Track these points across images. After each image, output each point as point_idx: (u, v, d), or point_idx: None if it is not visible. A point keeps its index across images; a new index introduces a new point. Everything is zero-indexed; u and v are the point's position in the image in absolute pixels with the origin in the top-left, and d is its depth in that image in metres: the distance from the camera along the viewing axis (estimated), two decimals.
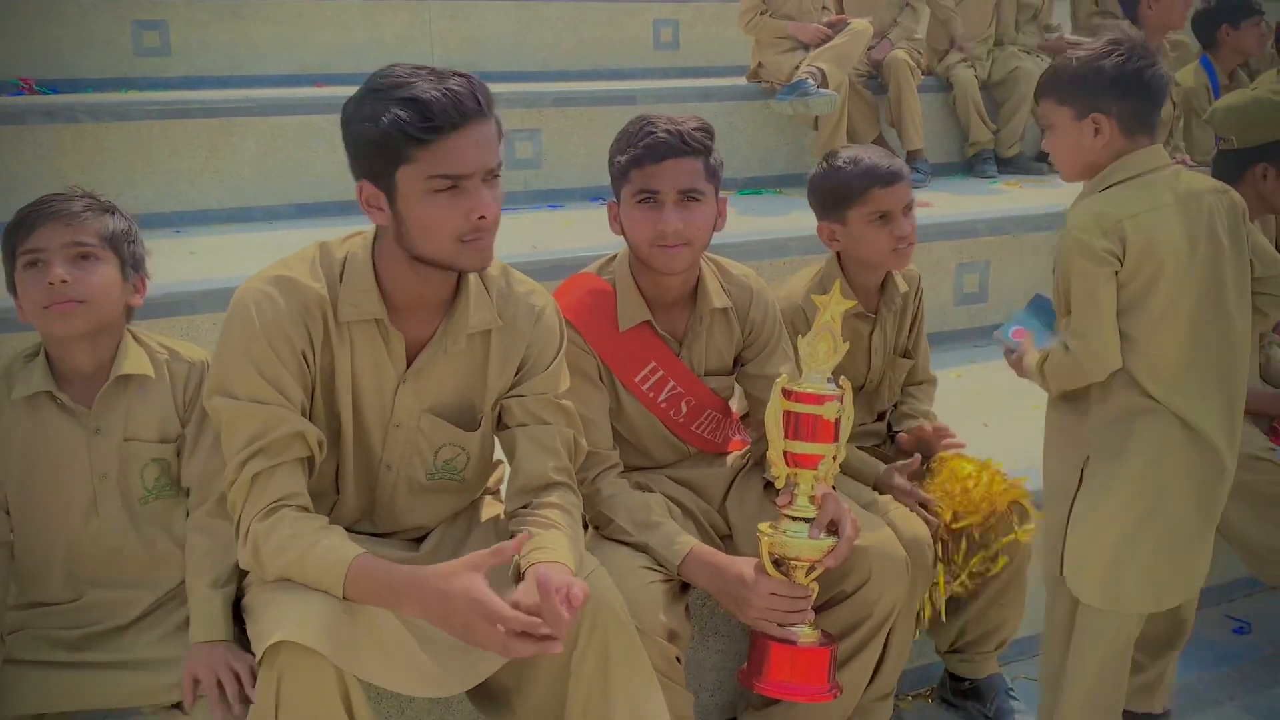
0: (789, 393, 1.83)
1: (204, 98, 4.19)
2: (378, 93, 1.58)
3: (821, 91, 4.43)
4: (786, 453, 1.84)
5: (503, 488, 1.89)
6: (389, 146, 1.56)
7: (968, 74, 5.17)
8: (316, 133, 4.09)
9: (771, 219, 4.08)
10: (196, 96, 4.22)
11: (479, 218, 1.61)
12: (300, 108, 4.14)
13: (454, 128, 1.56)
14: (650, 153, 1.93)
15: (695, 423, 2.14)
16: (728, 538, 2.15)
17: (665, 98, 4.63)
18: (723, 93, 4.92)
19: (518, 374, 1.82)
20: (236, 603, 1.73)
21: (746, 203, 4.42)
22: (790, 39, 4.77)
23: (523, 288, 1.83)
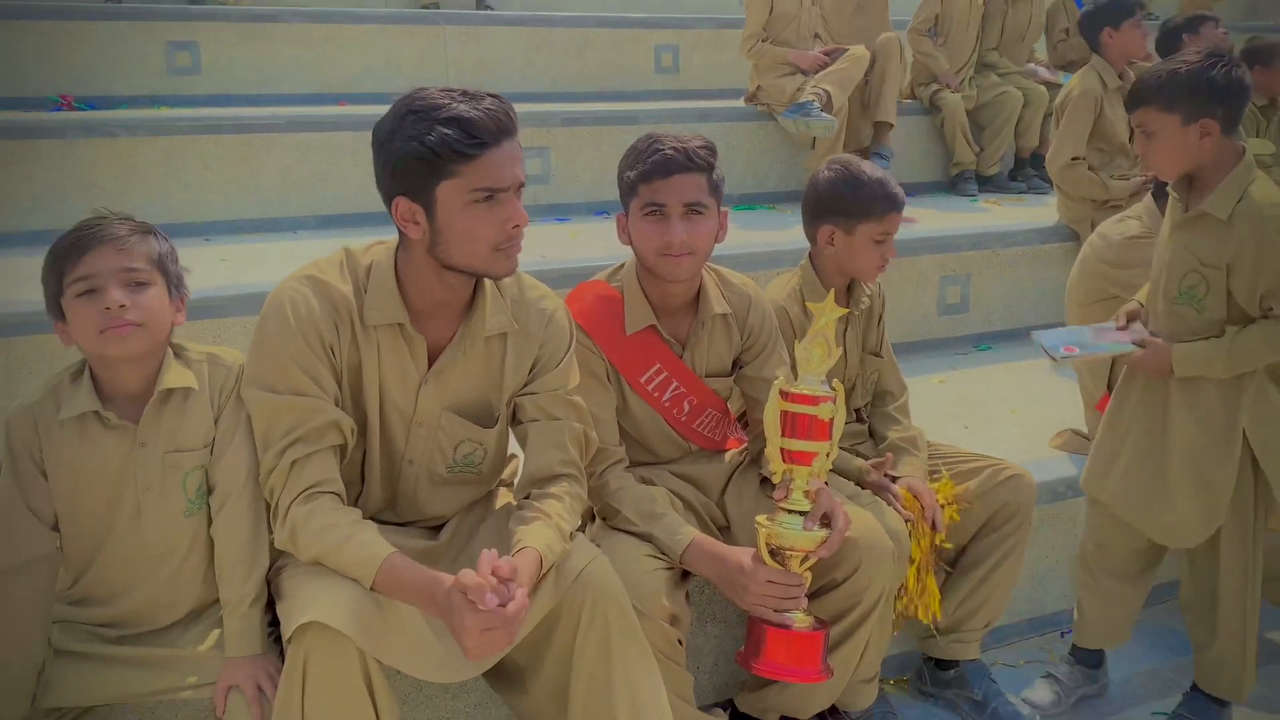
0: (787, 394, 1.92)
1: (233, 115, 4.30)
2: (418, 114, 1.65)
3: (823, 115, 4.55)
4: (783, 450, 1.92)
5: (516, 479, 1.97)
6: (433, 163, 1.64)
7: (955, 98, 5.30)
8: (338, 148, 4.19)
9: (766, 233, 4.19)
10: (226, 114, 4.34)
11: (514, 226, 1.71)
12: (323, 125, 4.24)
13: (495, 143, 1.66)
14: (658, 168, 2.00)
15: (696, 421, 2.21)
16: (726, 529, 2.21)
17: (666, 119, 4.71)
18: (720, 114, 5.02)
19: (531, 373, 1.89)
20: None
21: (743, 218, 4.52)
22: (789, 65, 4.90)
23: (534, 293, 1.91)
